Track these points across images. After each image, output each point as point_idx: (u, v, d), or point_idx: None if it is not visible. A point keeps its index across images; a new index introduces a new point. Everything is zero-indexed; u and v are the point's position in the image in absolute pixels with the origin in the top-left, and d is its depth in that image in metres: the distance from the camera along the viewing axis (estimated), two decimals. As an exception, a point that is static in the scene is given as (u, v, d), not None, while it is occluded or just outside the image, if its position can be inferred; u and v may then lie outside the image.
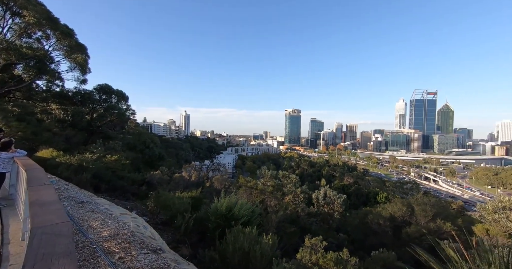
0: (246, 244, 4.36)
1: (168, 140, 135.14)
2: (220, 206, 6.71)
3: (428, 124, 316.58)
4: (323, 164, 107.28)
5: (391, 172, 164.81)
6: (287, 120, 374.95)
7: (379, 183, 75.07)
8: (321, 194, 14.42)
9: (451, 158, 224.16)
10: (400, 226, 12.08)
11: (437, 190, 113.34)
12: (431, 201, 13.89)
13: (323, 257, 4.10)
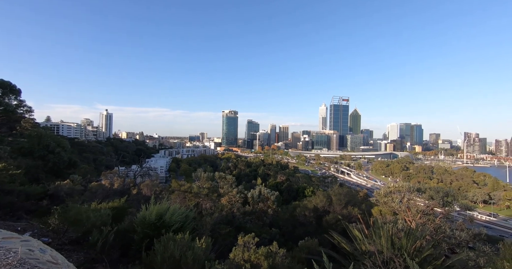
0: (177, 251, 4.13)
1: (82, 144, 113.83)
2: (149, 214, 6.12)
3: (343, 126, 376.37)
4: (259, 164, 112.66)
5: (316, 169, 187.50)
6: (224, 121, 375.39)
7: (307, 179, 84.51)
8: (256, 192, 15.08)
9: (359, 154, 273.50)
10: (321, 215, 13.87)
11: (350, 181, 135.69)
12: (344, 191, 16.56)
13: (255, 253, 4.31)
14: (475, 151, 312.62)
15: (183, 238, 5.11)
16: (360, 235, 8.33)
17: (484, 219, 68.47)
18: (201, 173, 13.94)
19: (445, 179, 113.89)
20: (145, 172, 20.18)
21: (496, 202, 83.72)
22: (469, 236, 10.21)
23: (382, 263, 6.48)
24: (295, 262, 7.57)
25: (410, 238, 7.41)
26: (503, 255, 4.89)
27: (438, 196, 12.14)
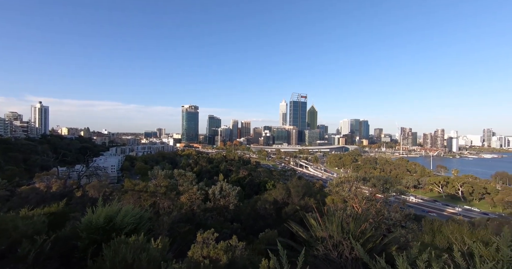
0: (129, 254, 3.86)
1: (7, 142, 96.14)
2: (96, 218, 5.55)
3: (301, 122, 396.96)
4: (221, 159, 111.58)
5: (277, 163, 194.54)
6: (184, 117, 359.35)
7: (268, 173, 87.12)
8: (217, 189, 14.95)
9: (315, 148, 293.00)
10: (281, 207, 14.52)
11: (308, 174, 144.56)
12: (301, 184, 17.61)
13: (214, 248, 4.30)
14: (408, 143, 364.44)
15: (137, 240, 4.78)
16: (315, 223, 9.01)
17: (414, 201, 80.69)
18: (158, 171, 13.17)
19: (386, 168, 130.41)
20: (92, 172, 18.09)
21: (423, 186, 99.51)
22: (402, 217, 12.01)
23: (332, 246, 7.15)
24: (255, 254, 7.80)
25: (356, 222, 8.29)
26: (424, 230, 5.88)
27: (379, 183, 13.89)
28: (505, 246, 3.16)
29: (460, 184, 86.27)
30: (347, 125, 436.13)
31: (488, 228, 4.81)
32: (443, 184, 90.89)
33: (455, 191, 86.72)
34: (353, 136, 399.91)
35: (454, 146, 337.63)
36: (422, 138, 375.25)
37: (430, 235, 5.20)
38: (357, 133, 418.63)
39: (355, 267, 6.62)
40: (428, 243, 4.75)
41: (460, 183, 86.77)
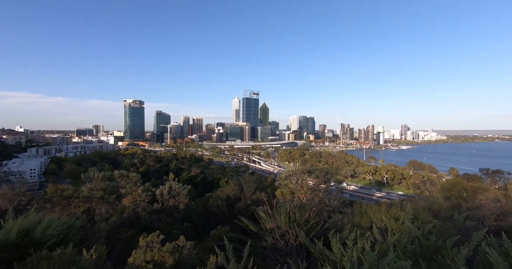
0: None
1: None
2: (5, 233, 4.61)
3: (254, 118, 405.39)
4: (171, 158, 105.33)
5: (231, 159, 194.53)
6: (127, 112, 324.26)
7: (221, 170, 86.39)
8: (166, 189, 14.12)
9: (267, 144, 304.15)
10: (233, 203, 14.66)
11: (260, 169, 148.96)
12: (253, 179, 18.10)
13: (159, 251, 4.09)
14: (347, 138, 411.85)
15: (64, 253, 4.16)
16: (265, 216, 9.43)
17: (351, 189, 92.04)
18: (94, 173, 11.65)
19: (329, 161, 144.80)
20: (2, 178, 14.69)
21: (358, 175, 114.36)
22: (339, 203, 13.63)
23: (280, 236, 7.63)
24: (206, 252, 7.71)
25: (301, 212, 9.01)
26: (354, 213, 6.83)
27: (321, 175, 15.42)
28: (407, 220, 3.94)
29: (385, 172, 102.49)
30: (296, 122, 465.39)
31: (399, 207, 5.90)
32: (373, 172, 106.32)
33: (381, 178, 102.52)
34: (302, 132, 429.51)
35: (381, 140, 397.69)
36: (358, 133, 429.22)
37: (358, 217, 6.06)
38: (304, 129, 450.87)
39: (299, 252, 7.23)
40: (357, 224, 5.53)
41: (385, 171, 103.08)
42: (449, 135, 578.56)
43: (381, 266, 2.85)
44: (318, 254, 4.60)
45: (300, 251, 7.26)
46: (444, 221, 4.62)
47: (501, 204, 9.79)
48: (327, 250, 4.49)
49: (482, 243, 3.03)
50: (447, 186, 10.22)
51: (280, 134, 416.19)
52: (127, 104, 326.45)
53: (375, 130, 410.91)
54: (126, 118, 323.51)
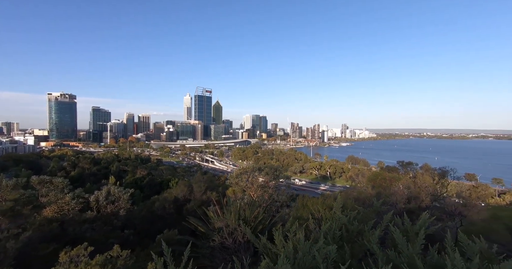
0: None
1: None
2: None
3: (207, 116, 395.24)
4: (112, 159, 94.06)
5: (182, 159, 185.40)
6: (53, 108, 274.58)
7: (172, 170, 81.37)
8: (102, 194, 12.54)
9: (221, 142, 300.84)
10: (182, 205, 14.04)
11: (214, 168, 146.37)
12: (204, 178, 17.66)
13: (87, 265, 3.62)
14: (296, 136, 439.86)
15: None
16: (214, 215, 9.34)
17: (299, 184, 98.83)
18: (2, 180, 9.52)
19: (280, 158, 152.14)
20: None
21: (306, 171, 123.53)
22: (287, 198, 14.52)
23: (228, 234, 7.67)
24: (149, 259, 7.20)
25: (251, 209, 9.23)
26: (298, 206, 7.38)
27: (271, 172, 16.11)
28: (337, 209, 4.47)
29: (328, 167, 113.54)
30: (249, 120, 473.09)
31: (333, 198, 6.65)
32: (318, 168, 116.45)
33: (325, 172, 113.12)
34: (255, 130, 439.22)
35: (325, 138, 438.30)
36: (306, 132, 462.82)
37: (300, 210, 6.57)
38: (257, 127, 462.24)
39: (247, 248, 7.40)
40: (298, 216, 5.98)
41: (328, 166, 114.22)
42: (378, 133, 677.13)
43: (312, 252, 3.16)
44: (262, 249, 4.80)
45: (248, 247, 7.45)
46: (366, 207, 5.41)
47: (411, 190, 12.00)
48: (270, 243, 4.73)
49: (390, 224, 3.66)
50: (372, 177, 12.14)
51: (233, 133, 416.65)
52: (53, 98, 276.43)
53: (320, 129, 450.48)
54: (51, 115, 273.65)
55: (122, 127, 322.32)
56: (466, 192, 51.10)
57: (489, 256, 2.73)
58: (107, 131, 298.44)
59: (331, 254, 3.18)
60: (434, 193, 13.83)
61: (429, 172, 21.35)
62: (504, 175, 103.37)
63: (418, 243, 3.08)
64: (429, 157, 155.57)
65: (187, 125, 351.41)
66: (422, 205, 11.23)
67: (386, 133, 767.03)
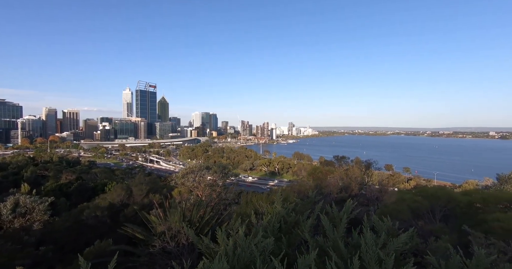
0: None
1: None
2: None
3: (151, 113, 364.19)
4: (25, 163, 77.19)
5: (121, 160, 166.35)
6: None
7: (108, 173, 71.95)
8: (8, 206, 10.16)
9: (168, 141, 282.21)
10: (119, 211, 12.59)
11: (160, 169, 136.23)
12: (146, 180, 16.23)
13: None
14: (247, 134, 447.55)
15: None
16: (156, 219, 8.67)
17: (250, 181, 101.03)
18: None
19: (231, 156, 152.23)
20: None
21: (256, 168, 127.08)
22: (235, 196, 14.62)
23: (171, 237, 7.24)
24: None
25: (197, 209, 8.91)
26: (242, 202, 7.50)
27: (219, 170, 15.92)
28: (277, 203, 4.72)
29: (277, 163, 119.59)
30: (199, 118, 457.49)
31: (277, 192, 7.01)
32: (267, 164, 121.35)
33: (274, 168, 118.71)
34: (204, 128, 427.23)
35: (274, 135, 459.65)
36: (256, 129, 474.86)
37: (244, 206, 6.69)
38: (207, 125, 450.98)
39: (191, 251, 7.14)
40: (242, 213, 6.07)
41: (277, 162, 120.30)
42: (319, 131, 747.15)
43: (250, 247, 3.24)
44: (204, 249, 4.68)
45: (193, 249, 7.18)
46: (304, 199, 5.87)
47: (343, 181, 13.64)
48: (212, 243, 4.64)
49: (320, 213, 4.06)
50: (311, 171, 13.42)
51: (182, 131, 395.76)
52: None
53: (269, 127, 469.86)
54: None
55: (39, 124, 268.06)
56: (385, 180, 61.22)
57: (392, 232, 3.31)
58: (17, 129, 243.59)
59: (268, 246, 3.32)
60: (362, 183, 16.11)
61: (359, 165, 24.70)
62: (411, 164, 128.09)
63: (341, 227, 3.49)
64: (359, 152, 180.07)
65: (128, 122, 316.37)
66: (352, 194, 12.91)
67: (326, 130, 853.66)
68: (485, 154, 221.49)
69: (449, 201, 7.21)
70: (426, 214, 7.47)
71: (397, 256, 3.00)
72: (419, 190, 8.38)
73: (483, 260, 2.37)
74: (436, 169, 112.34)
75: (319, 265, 2.82)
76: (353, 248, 3.43)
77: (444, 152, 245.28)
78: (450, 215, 7.45)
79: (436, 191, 7.54)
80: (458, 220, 6.12)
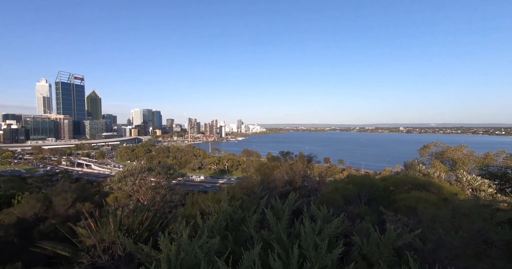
0: None
1: None
2: None
3: (78, 110, 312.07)
4: None
5: (36, 166, 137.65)
6: None
7: (17, 182, 58.41)
8: None
9: (101, 141, 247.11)
10: (32, 226, 10.40)
11: (91, 173, 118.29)
12: (72, 187, 13.85)
13: None
14: (195, 132, 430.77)
15: None
16: (85, 231, 7.47)
17: (198, 180, 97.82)
18: None
19: (178, 155, 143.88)
20: None
21: (205, 166, 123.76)
22: (182, 197, 13.89)
23: (103, 251, 6.37)
24: None
25: (136, 215, 8.06)
26: (187, 203, 7.17)
27: (164, 171, 14.81)
28: (224, 201, 4.67)
29: (226, 161, 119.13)
30: (140, 115, 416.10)
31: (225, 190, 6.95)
32: (217, 162, 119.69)
33: (224, 166, 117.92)
34: (147, 126, 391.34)
35: (223, 133, 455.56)
36: (204, 127, 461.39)
37: (189, 207, 6.40)
38: (150, 123, 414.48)
39: (129, 262, 6.44)
40: (188, 214, 5.80)
41: (226, 160, 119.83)
42: (267, 128, 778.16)
43: (195, 249, 3.10)
44: (144, 258, 4.28)
45: (131, 259, 6.49)
46: (251, 195, 6.00)
47: (288, 175, 14.55)
48: (154, 250, 4.28)
49: (265, 208, 4.21)
50: (258, 167, 13.90)
51: (119, 130, 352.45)
52: None
53: (218, 124, 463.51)
54: None
55: None
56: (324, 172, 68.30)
57: (327, 218, 3.68)
58: None
59: (214, 246, 3.25)
60: (304, 175, 17.54)
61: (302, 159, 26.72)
62: (344, 156, 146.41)
63: (284, 219, 3.69)
64: (302, 147, 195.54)
65: (45, 120, 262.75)
66: (296, 186, 13.90)
67: (274, 127, 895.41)
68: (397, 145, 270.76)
69: (371, 187, 8.55)
70: (354, 199, 8.64)
71: (331, 239, 3.35)
72: (350, 179, 9.70)
73: (392, 234, 2.90)
74: (363, 160, 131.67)
75: (263, 258, 2.91)
76: (295, 237, 3.67)
77: (369, 145, 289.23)
78: (372, 198, 8.83)
79: (362, 179, 8.84)
80: (377, 202, 7.31)
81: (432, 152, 19.81)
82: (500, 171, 12.15)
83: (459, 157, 17.35)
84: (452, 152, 18.14)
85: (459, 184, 9.48)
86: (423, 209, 4.60)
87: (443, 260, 3.67)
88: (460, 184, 9.41)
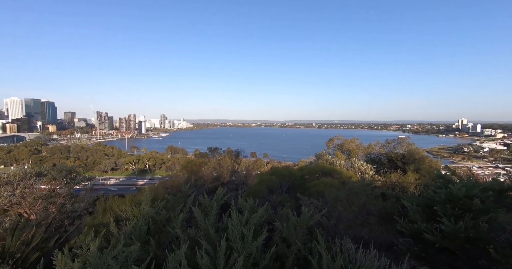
0: None
1: None
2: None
3: None
4: None
5: None
6: None
7: None
8: None
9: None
10: None
11: None
12: None
13: None
14: (105, 128, 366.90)
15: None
16: None
17: (111, 183, 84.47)
18: None
19: (82, 156, 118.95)
20: None
21: (120, 167, 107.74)
22: (88, 204, 11.66)
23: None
24: None
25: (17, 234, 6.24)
26: (98, 210, 6.10)
27: (62, 175, 11.95)
28: (145, 203, 4.23)
29: (147, 159, 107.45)
30: (20, 107, 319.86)
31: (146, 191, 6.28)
32: (136, 161, 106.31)
33: (144, 166, 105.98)
34: (32, 121, 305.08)
35: (143, 129, 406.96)
36: (118, 122, 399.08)
37: (100, 215, 5.47)
38: (38, 117, 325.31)
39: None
40: (98, 224, 4.93)
41: (147, 158, 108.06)
42: (194, 123, 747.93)
43: (107, 262, 2.68)
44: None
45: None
46: (177, 194, 5.67)
47: (217, 170, 14.53)
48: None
49: (193, 205, 4.08)
50: (185, 165, 13.28)
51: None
52: None
53: (137, 120, 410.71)
54: None
55: None
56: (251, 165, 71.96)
57: (253, 209, 3.91)
58: None
59: (132, 254, 2.91)
60: (232, 170, 17.94)
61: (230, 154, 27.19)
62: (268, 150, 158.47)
63: (212, 215, 3.68)
64: (229, 142, 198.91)
65: None
66: (224, 181, 14.05)
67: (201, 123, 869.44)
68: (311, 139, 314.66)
69: (290, 177, 9.67)
70: (277, 189, 9.54)
71: (256, 228, 3.58)
72: (273, 171, 10.63)
73: (306, 215, 3.39)
74: (284, 153, 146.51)
75: (190, 257, 2.82)
76: (223, 231, 3.73)
77: (289, 139, 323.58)
78: (292, 187, 9.98)
79: (283, 171, 9.87)
80: (296, 190, 8.33)
81: (336, 144, 24.15)
82: (377, 158, 16.12)
83: (353, 148, 21.90)
84: (348, 144, 22.66)
85: (353, 169, 11.98)
86: (328, 192, 5.58)
87: (341, 231, 4.59)
88: (353, 169, 11.91)
